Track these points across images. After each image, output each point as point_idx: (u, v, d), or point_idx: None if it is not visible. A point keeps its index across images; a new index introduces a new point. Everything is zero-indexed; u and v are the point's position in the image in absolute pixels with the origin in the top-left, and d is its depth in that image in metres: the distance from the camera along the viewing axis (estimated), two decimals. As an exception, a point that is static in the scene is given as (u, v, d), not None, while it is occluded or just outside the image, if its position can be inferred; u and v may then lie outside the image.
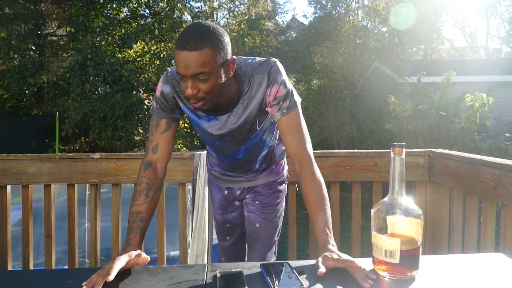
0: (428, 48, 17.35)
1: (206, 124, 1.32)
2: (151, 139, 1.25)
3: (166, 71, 1.29)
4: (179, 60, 1.06)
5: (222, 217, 1.62)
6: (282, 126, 1.23)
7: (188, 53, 1.04)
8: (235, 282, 0.88)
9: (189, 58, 1.05)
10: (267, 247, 1.58)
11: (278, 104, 1.22)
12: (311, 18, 15.22)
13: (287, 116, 1.22)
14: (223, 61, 1.10)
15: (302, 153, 1.21)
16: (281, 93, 1.21)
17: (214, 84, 1.10)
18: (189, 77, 1.07)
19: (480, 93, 5.28)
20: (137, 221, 1.11)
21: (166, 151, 1.25)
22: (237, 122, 1.28)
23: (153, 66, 11.09)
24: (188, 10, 11.51)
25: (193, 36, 1.05)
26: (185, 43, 1.05)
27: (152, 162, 1.22)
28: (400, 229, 0.89)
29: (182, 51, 1.05)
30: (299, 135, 1.22)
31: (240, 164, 1.47)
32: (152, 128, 1.26)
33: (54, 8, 11.20)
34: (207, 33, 1.06)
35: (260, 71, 1.22)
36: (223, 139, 1.34)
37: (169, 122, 1.26)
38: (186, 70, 1.06)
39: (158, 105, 1.26)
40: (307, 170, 1.19)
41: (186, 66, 1.06)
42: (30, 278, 0.96)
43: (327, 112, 10.25)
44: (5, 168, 1.92)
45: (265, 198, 1.55)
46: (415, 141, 5.97)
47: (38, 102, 11.42)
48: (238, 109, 1.26)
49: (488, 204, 1.55)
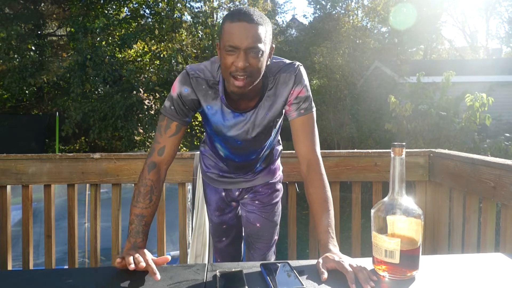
0: (428, 48, 17.35)
1: (232, 122, 1.29)
2: (159, 141, 1.22)
3: (184, 71, 1.25)
4: (236, 31, 1.06)
5: (219, 219, 1.61)
6: (296, 126, 1.25)
7: (249, 25, 1.06)
8: (235, 282, 0.88)
9: (249, 30, 1.06)
10: (267, 246, 1.59)
11: (298, 103, 1.25)
12: (311, 18, 15.24)
13: (303, 116, 1.25)
14: (270, 44, 1.14)
15: (312, 155, 1.23)
16: (303, 94, 1.25)
17: (262, 64, 1.12)
18: (244, 50, 1.07)
19: (480, 93, 5.28)
20: (142, 225, 1.10)
21: (172, 154, 1.23)
22: (263, 119, 1.29)
23: (153, 66, 11.09)
24: (188, 10, 11.51)
25: (251, 12, 1.08)
26: (245, 15, 1.06)
27: (157, 164, 1.20)
28: (400, 229, 0.89)
29: (240, 22, 1.06)
30: (311, 137, 1.25)
31: (248, 164, 1.47)
32: (161, 129, 1.23)
33: (54, 8, 11.21)
34: (261, 14, 1.11)
35: (287, 70, 1.25)
36: (246, 137, 1.33)
37: (179, 125, 1.22)
38: (245, 41, 1.06)
39: (173, 107, 1.22)
40: (315, 171, 1.21)
41: (246, 36, 1.06)
42: (30, 278, 0.96)
43: (327, 112, 10.25)
44: (5, 168, 1.92)
45: (265, 198, 1.56)
46: (415, 141, 5.97)
47: (38, 102, 11.42)
48: (263, 106, 1.27)
49: (488, 204, 1.55)
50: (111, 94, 9.53)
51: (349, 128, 9.65)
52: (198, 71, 1.23)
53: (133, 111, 9.75)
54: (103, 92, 9.82)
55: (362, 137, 9.24)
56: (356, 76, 11.20)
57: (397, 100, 6.04)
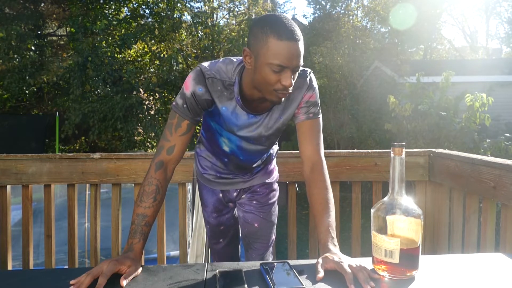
0: (428, 48, 17.35)
1: (245, 123, 1.29)
2: (169, 139, 1.18)
3: (199, 69, 1.21)
4: (286, 51, 1.05)
5: (216, 220, 1.60)
6: (303, 128, 1.27)
7: (296, 44, 1.05)
8: (235, 282, 0.88)
9: (296, 49, 1.06)
10: (266, 246, 1.59)
11: (308, 107, 1.27)
12: (311, 18, 15.24)
13: (312, 120, 1.27)
14: None
15: (317, 157, 1.25)
16: (313, 99, 1.28)
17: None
18: (292, 69, 1.08)
19: (480, 93, 5.28)
20: (142, 225, 1.07)
21: (180, 154, 1.21)
22: (276, 122, 1.30)
23: (153, 66, 11.09)
24: (188, 10, 11.51)
25: (294, 27, 1.06)
26: (292, 34, 1.05)
27: (165, 163, 1.17)
28: (400, 229, 0.89)
29: (290, 41, 1.04)
30: (317, 141, 1.27)
31: (249, 163, 1.47)
32: (171, 127, 1.19)
33: (54, 8, 11.21)
34: (297, 26, 1.09)
35: (301, 76, 1.27)
36: (259, 139, 1.34)
37: (190, 124, 1.20)
38: (294, 61, 1.07)
39: (185, 105, 1.19)
40: (319, 172, 1.23)
41: (296, 56, 1.06)
42: (30, 277, 0.96)
43: (327, 112, 10.24)
44: (5, 168, 1.91)
45: (263, 198, 1.56)
46: (415, 141, 5.97)
47: (38, 102, 11.42)
48: (277, 109, 1.28)
49: (488, 204, 1.55)
50: (110, 95, 9.53)
51: (349, 128, 9.65)
52: (214, 72, 1.20)
53: (132, 112, 9.75)
54: (103, 93, 9.82)
55: (362, 137, 9.24)
56: (356, 76, 11.20)
57: (397, 100, 6.03)
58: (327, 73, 11.17)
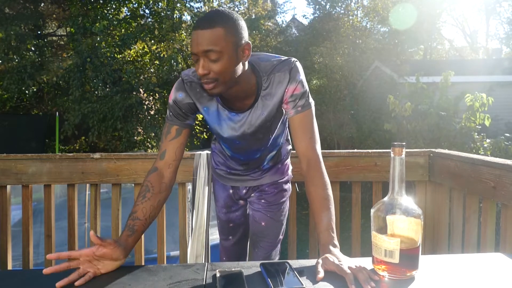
0: (428, 48, 17.35)
1: (228, 122, 1.32)
2: (161, 146, 1.28)
3: (180, 78, 1.30)
4: (193, 39, 1.10)
5: (225, 216, 1.62)
6: (294, 124, 1.25)
7: (200, 31, 1.08)
8: (235, 282, 0.88)
9: (200, 36, 1.08)
10: (272, 245, 1.59)
11: (294, 101, 1.24)
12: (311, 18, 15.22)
13: (301, 114, 1.24)
14: (236, 43, 1.11)
15: (311, 153, 1.22)
16: (298, 91, 1.24)
17: (227, 65, 1.11)
18: (201, 55, 1.09)
19: (480, 93, 5.28)
20: (128, 220, 1.12)
21: (173, 157, 1.26)
22: (258, 119, 1.30)
23: (153, 66, 11.08)
24: (188, 10, 11.51)
25: (207, 17, 1.10)
26: (199, 23, 1.09)
27: (158, 168, 1.24)
28: (399, 229, 0.89)
29: (195, 30, 1.09)
30: (309, 135, 1.24)
31: (254, 162, 1.49)
32: (162, 136, 1.29)
33: (54, 8, 11.21)
34: (220, 15, 1.10)
35: (282, 69, 1.24)
36: (244, 137, 1.35)
37: (179, 129, 1.27)
38: (197, 48, 1.09)
39: (171, 113, 1.28)
40: (315, 169, 1.20)
41: (197, 43, 1.09)
42: (30, 278, 0.96)
43: (327, 112, 10.25)
44: (5, 168, 1.92)
45: (271, 197, 1.56)
46: (415, 141, 5.97)
47: (38, 102, 11.42)
48: (258, 106, 1.28)
49: (488, 204, 1.55)
50: (110, 95, 9.52)
51: (349, 128, 9.66)
52: (191, 76, 1.27)
53: (132, 112, 9.75)
54: (103, 94, 9.81)
55: (362, 137, 9.25)
56: (356, 76, 11.20)
57: (397, 100, 6.04)
58: (327, 73, 11.18)
